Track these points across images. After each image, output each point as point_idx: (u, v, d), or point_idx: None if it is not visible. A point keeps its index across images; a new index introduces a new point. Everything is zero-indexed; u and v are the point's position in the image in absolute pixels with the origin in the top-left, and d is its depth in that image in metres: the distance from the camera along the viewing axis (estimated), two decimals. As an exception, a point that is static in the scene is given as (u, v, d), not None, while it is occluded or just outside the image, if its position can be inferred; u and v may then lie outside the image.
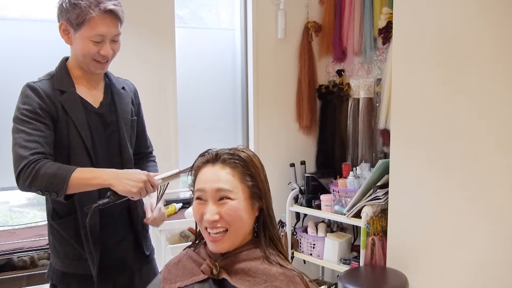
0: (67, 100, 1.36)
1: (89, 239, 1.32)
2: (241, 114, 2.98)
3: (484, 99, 1.93)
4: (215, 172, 1.03)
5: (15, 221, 2.53)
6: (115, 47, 1.40)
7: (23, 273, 2.08)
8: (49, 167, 1.25)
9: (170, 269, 1.12)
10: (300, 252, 2.76)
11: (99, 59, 1.37)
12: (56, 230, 1.43)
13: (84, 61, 1.38)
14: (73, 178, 1.25)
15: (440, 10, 2.05)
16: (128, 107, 1.51)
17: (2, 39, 2.31)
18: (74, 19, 1.32)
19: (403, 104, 2.22)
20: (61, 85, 1.38)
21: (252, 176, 1.05)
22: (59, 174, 1.24)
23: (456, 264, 2.07)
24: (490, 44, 1.90)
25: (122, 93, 1.51)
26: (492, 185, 1.93)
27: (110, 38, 1.36)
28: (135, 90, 1.60)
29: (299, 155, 2.99)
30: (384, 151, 2.65)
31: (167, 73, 2.60)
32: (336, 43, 2.87)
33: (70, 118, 1.35)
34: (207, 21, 2.94)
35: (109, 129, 1.44)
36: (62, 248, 1.43)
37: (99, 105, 1.44)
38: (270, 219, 1.08)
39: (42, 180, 1.24)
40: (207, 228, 1.02)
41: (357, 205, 2.42)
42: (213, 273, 1.02)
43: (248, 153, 1.07)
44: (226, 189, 1.01)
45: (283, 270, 1.00)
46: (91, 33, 1.32)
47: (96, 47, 1.35)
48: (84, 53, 1.35)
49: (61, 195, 1.25)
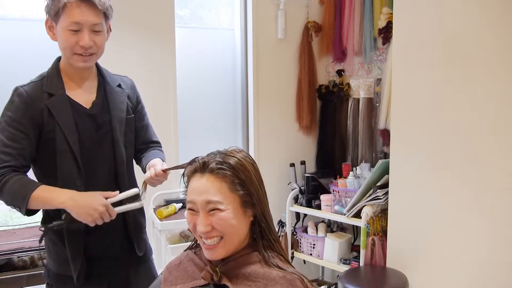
0: (54, 104, 1.34)
1: (71, 244, 1.34)
2: (241, 114, 2.98)
3: (484, 98, 1.93)
4: (203, 184, 1.01)
5: (15, 221, 2.53)
6: (96, 39, 1.35)
7: (23, 273, 2.08)
8: (14, 183, 1.27)
9: (171, 271, 1.11)
10: (300, 252, 2.76)
11: (80, 51, 1.33)
12: (49, 234, 1.44)
13: (65, 56, 1.35)
14: (33, 197, 1.26)
15: (440, 10, 2.05)
16: (123, 105, 1.47)
17: (2, 39, 2.31)
18: (53, 11, 1.30)
19: (403, 104, 2.22)
20: (50, 88, 1.35)
21: (242, 184, 1.02)
22: (20, 192, 1.27)
23: (456, 264, 2.07)
24: (491, 44, 1.90)
25: (116, 91, 1.47)
26: (492, 185, 1.93)
27: (88, 28, 1.32)
28: (133, 85, 1.57)
29: (299, 155, 2.99)
30: (384, 151, 2.65)
31: (167, 73, 2.60)
32: (336, 43, 2.87)
33: (56, 122, 1.33)
34: (207, 21, 2.94)
35: (102, 130, 1.41)
36: (54, 250, 1.44)
37: (91, 106, 1.41)
38: (266, 223, 1.06)
39: (6, 195, 1.29)
40: (201, 237, 1.02)
41: (357, 205, 2.42)
42: (213, 279, 1.02)
43: (238, 157, 1.04)
44: (215, 201, 0.99)
45: (284, 274, 0.99)
46: (67, 21, 1.29)
47: (75, 37, 1.31)
48: (65, 46, 1.33)
49: (22, 211, 1.28)
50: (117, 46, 2.20)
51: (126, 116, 1.48)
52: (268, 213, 1.08)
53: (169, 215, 2.43)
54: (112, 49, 1.48)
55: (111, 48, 1.47)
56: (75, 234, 1.36)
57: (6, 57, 2.32)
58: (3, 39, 2.32)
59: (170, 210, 2.44)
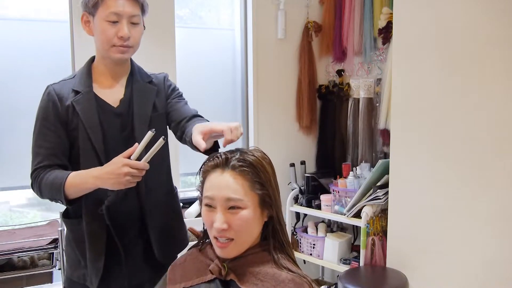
0: (79, 101, 1.32)
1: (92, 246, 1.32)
2: (241, 114, 2.98)
3: (484, 98, 1.93)
4: (224, 180, 1.00)
5: (15, 221, 2.53)
6: (134, 32, 1.33)
7: (23, 273, 2.08)
8: (47, 178, 1.28)
9: (175, 270, 1.11)
10: (300, 252, 2.75)
11: (118, 42, 1.31)
12: (67, 230, 1.44)
13: (104, 49, 1.33)
14: (67, 186, 1.26)
15: (440, 10, 2.05)
16: (149, 103, 1.41)
17: (2, 39, 2.31)
18: (91, 3, 1.30)
19: (403, 104, 2.22)
20: (78, 86, 1.35)
21: (262, 184, 1.02)
22: (55, 184, 1.27)
23: (456, 264, 2.07)
24: (491, 44, 1.90)
25: (144, 88, 1.42)
26: (492, 185, 1.93)
27: (127, 19, 1.31)
28: (164, 77, 1.51)
29: (299, 155, 2.99)
30: (384, 151, 2.65)
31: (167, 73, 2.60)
32: (336, 43, 2.87)
33: (80, 120, 1.32)
34: (207, 21, 2.94)
35: (127, 130, 1.37)
36: (66, 250, 1.44)
37: (119, 104, 1.38)
38: (280, 226, 1.06)
39: (45, 191, 1.30)
40: (215, 235, 1.01)
41: (357, 205, 2.42)
42: (221, 274, 1.01)
43: (258, 157, 1.03)
44: (236, 198, 0.98)
45: (293, 277, 0.99)
46: (106, 12, 1.28)
47: (113, 28, 1.29)
48: (103, 38, 1.31)
49: (64, 202, 1.28)
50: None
51: (152, 113, 1.41)
52: (282, 215, 1.08)
53: (169, 215, 2.43)
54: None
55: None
56: (96, 236, 1.34)
57: (6, 57, 2.32)
58: (3, 39, 2.32)
59: (170, 210, 2.44)
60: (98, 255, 1.34)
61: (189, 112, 1.45)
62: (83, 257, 1.36)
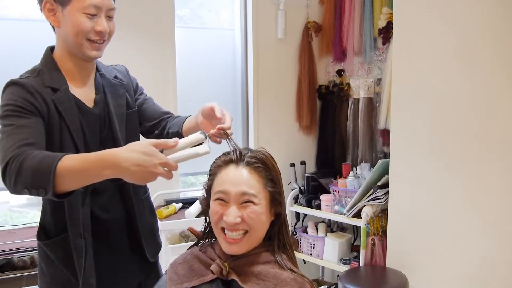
0: (61, 100, 1.17)
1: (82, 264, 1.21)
2: (241, 114, 2.98)
3: (484, 99, 1.93)
4: (240, 175, 1.00)
5: (15, 221, 2.53)
6: (111, 26, 1.22)
7: (23, 273, 2.08)
8: (33, 157, 1.01)
9: (175, 269, 1.10)
10: (300, 252, 2.75)
11: (94, 37, 1.19)
12: (44, 251, 1.30)
13: (75, 43, 1.18)
14: (61, 171, 0.98)
15: (440, 10, 2.05)
16: (122, 99, 1.33)
17: (2, 39, 2.31)
18: None
19: (403, 104, 2.22)
20: (51, 82, 1.18)
21: (274, 181, 1.04)
22: (42, 166, 0.99)
23: (456, 264, 2.07)
24: (491, 44, 1.90)
25: (114, 84, 1.33)
26: (492, 185, 1.93)
27: (105, 13, 1.19)
28: (126, 69, 1.43)
29: (299, 155, 2.99)
30: (384, 151, 2.65)
31: (167, 73, 2.60)
32: (336, 43, 2.87)
33: (64, 121, 1.17)
34: (207, 21, 2.94)
35: (104, 130, 1.29)
36: (49, 273, 1.30)
37: (94, 104, 1.26)
38: (285, 226, 1.08)
39: (26, 174, 0.99)
40: (223, 229, 1.01)
41: (357, 205, 2.42)
42: (222, 274, 1.01)
43: (268, 156, 1.06)
44: (251, 193, 0.99)
45: (294, 276, 0.99)
46: (84, 3, 1.15)
47: (91, 22, 1.17)
48: (77, 31, 1.16)
49: (49, 191, 0.98)
50: (117, 46, 2.20)
51: (127, 111, 1.34)
52: (286, 216, 1.09)
53: (169, 215, 2.43)
54: (112, 49, 1.47)
55: (111, 48, 1.46)
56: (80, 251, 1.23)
57: (6, 57, 2.32)
58: (3, 39, 2.32)
59: (170, 210, 2.45)
60: (89, 269, 1.25)
61: (161, 109, 1.47)
62: (74, 275, 1.25)
